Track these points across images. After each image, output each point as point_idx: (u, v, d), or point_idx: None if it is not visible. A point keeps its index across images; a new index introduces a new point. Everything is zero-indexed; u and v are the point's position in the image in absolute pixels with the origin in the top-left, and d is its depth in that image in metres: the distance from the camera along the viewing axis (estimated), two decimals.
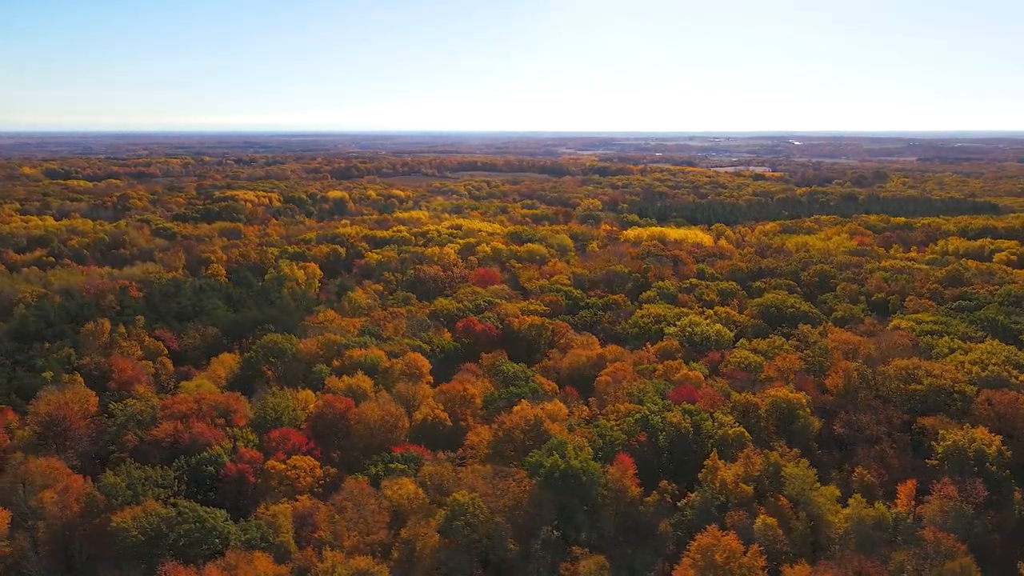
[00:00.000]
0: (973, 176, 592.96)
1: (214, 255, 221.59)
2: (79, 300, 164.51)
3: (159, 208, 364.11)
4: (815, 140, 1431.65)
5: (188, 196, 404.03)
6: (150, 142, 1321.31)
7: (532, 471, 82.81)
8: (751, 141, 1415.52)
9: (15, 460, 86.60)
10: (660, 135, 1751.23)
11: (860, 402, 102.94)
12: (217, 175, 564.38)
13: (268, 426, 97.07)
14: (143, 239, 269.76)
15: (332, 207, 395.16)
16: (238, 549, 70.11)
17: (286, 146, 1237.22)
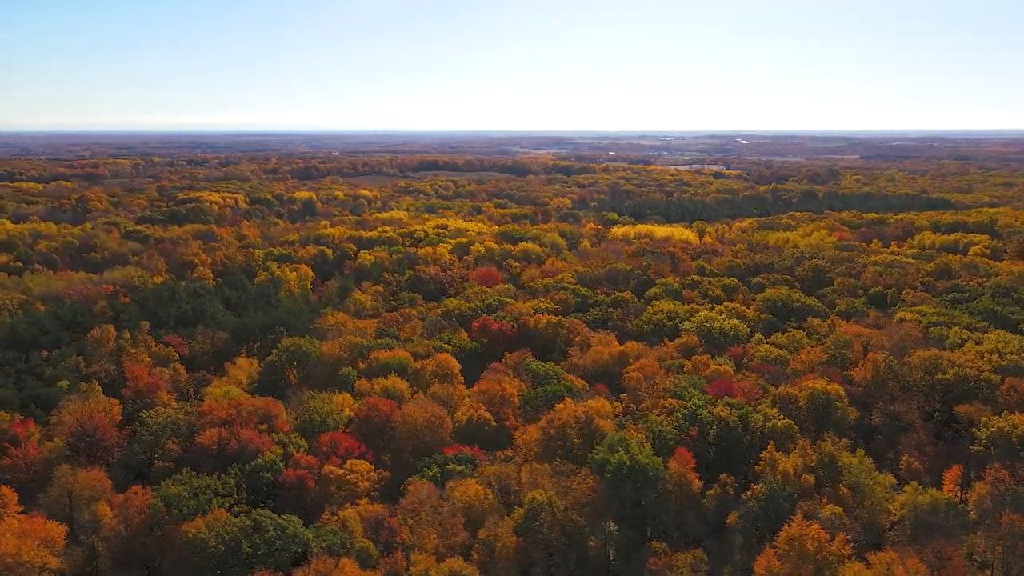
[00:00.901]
0: (918, 173, 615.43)
1: (197, 258, 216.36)
2: (71, 306, 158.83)
3: (122, 211, 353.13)
4: (761, 139, 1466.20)
5: (150, 198, 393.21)
6: (90, 142, 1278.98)
7: (598, 468, 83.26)
8: (700, 140, 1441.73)
9: (61, 473, 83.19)
10: (611, 134, 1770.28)
11: (888, 392, 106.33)
12: (173, 176, 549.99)
13: (314, 430, 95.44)
14: (114, 242, 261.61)
15: (301, 208, 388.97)
16: (320, 555, 68.92)
17: (234, 146, 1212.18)
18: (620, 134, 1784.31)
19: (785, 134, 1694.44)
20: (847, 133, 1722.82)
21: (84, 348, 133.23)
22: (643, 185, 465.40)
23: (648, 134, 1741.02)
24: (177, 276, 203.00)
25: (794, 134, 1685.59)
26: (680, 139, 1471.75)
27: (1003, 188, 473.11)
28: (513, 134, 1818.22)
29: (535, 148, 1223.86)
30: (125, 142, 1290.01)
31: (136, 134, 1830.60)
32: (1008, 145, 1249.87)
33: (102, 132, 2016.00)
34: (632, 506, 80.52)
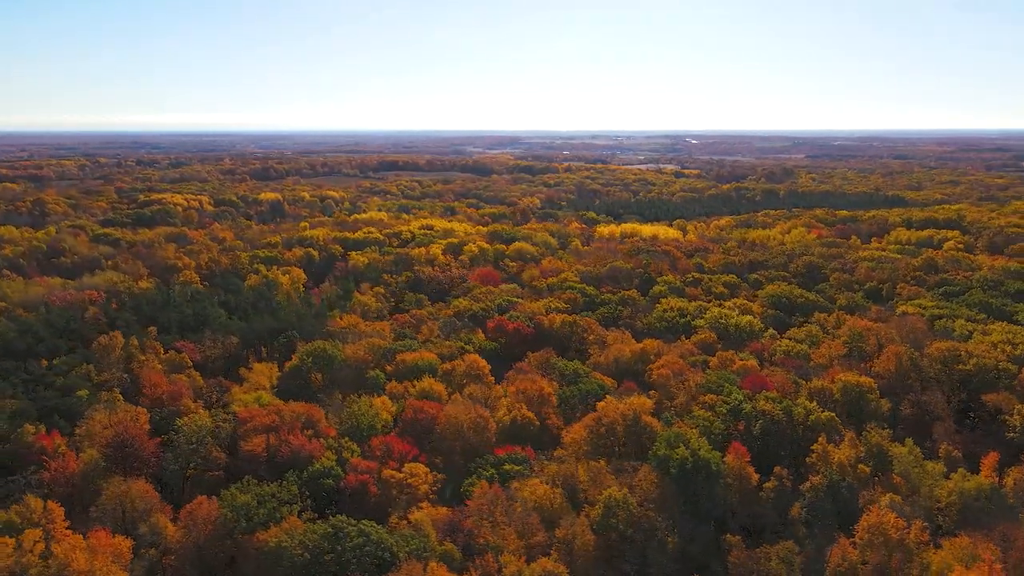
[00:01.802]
0: (866, 172, 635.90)
1: (180, 261, 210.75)
2: (62, 313, 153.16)
3: (83, 214, 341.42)
4: (710, 139, 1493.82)
5: (110, 200, 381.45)
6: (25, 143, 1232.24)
7: (660, 464, 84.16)
8: (651, 140, 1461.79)
9: (114, 485, 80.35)
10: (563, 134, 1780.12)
11: (909, 384, 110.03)
12: (126, 177, 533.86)
13: (362, 435, 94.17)
14: (83, 246, 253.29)
15: (268, 209, 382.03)
16: (407, 560, 68.17)
17: (180, 146, 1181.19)
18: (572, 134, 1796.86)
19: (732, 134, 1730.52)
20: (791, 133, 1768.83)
21: (90, 356, 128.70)
22: (609, 184, 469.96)
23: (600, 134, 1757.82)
24: (162, 281, 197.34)
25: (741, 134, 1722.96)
26: (631, 139, 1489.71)
27: (950, 186, 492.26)
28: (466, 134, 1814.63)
29: (489, 148, 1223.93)
30: (64, 142, 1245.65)
31: (75, 134, 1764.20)
32: (942, 144, 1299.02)
33: (17, 132, 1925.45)
34: (699, 501, 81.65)
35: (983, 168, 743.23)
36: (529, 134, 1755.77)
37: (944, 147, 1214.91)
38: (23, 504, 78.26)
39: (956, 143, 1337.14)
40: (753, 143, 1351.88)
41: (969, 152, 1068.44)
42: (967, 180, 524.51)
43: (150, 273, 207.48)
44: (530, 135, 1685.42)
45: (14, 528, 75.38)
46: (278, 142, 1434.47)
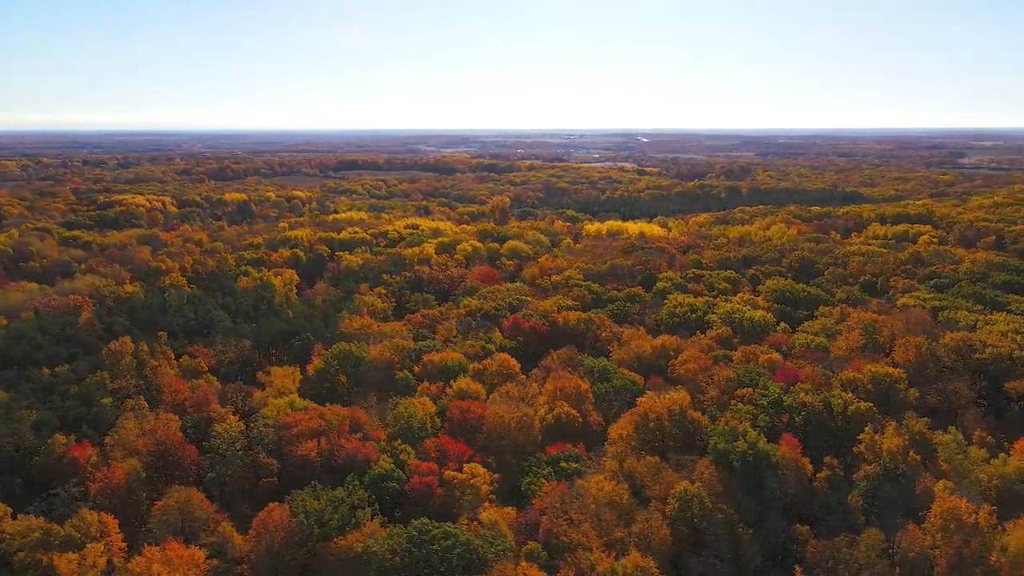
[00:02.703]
0: (818, 169, 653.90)
1: (163, 264, 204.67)
2: (58, 319, 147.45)
3: (40, 216, 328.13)
4: (660, 137, 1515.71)
5: (67, 202, 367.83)
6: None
7: (719, 457, 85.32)
8: (603, 138, 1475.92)
9: (178, 495, 77.73)
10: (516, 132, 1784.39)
11: (928, 373, 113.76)
12: (76, 178, 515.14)
13: (413, 436, 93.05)
14: (51, 250, 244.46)
15: (235, 210, 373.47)
16: (497, 560, 67.76)
17: (124, 146, 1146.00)
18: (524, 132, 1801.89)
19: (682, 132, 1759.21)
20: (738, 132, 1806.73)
21: (99, 362, 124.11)
22: (575, 183, 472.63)
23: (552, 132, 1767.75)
24: (147, 284, 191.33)
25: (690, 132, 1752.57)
26: (584, 137, 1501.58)
27: (901, 182, 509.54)
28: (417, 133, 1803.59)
29: (443, 146, 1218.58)
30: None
31: (6, 133, 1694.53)
32: (881, 143, 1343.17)
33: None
34: (761, 492, 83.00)
35: (922, 165, 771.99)
36: (481, 133, 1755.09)
37: (883, 145, 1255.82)
38: (78, 517, 75.31)
39: (894, 141, 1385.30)
40: (702, 141, 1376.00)
41: (907, 150, 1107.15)
42: (915, 177, 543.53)
43: (132, 276, 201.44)
44: (482, 134, 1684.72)
45: (73, 543, 72.51)
46: (224, 142, 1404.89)
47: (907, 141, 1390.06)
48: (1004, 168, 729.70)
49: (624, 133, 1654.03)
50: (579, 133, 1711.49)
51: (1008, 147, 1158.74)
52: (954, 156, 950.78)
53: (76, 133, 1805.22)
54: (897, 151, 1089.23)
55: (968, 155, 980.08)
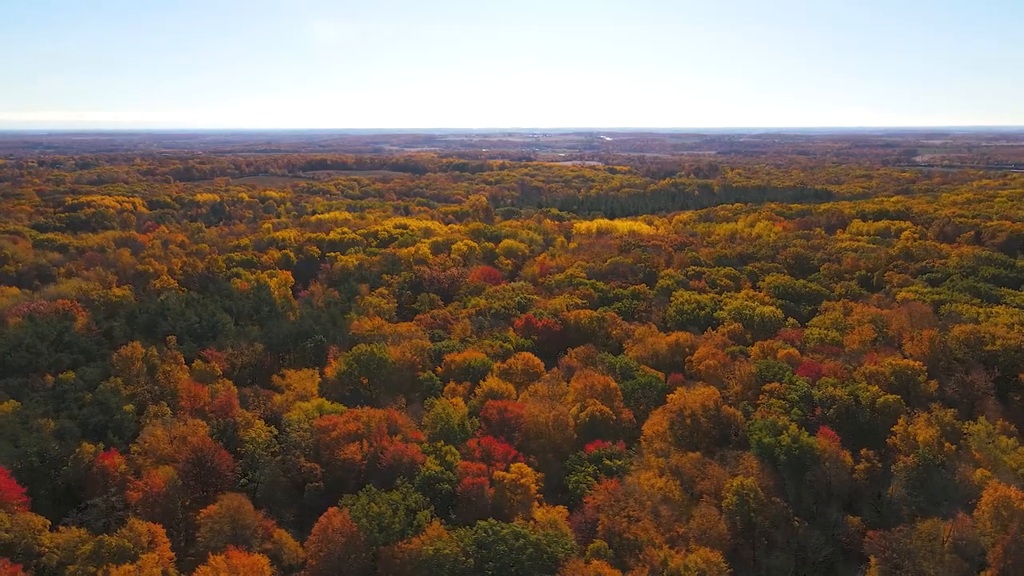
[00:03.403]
0: (783, 167, 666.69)
1: (151, 266, 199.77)
2: (55, 325, 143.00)
3: (6, 218, 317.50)
4: (622, 136, 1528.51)
5: (33, 204, 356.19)
6: None
7: (763, 451, 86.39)
8: (566, 137, 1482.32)
9: (228, 502, 75.92)
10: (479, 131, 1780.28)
11: (942, 365, 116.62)
12: (36, 179, 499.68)
13: (453, 437, 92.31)
14: (26, 253, 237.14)
15: (208, 211, 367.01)
16: (570, 559, 67.66)
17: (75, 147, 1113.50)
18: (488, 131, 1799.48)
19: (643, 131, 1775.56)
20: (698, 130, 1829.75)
21: (108, 368, 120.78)
22: (550, 181, 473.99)
23: (515, 131, 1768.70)
24: (135, 287, 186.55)
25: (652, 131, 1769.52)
26: (547, 136, 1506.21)
27: (865, 180, 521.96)
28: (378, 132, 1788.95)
29: (407, 146, 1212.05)
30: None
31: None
32: (837, 141, 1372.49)
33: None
34: (809, 485, 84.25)
35: (880, 162, 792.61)
36: (443, 132, 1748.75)
37: (840, 143, 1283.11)
38: (128, 528, 73.17)
39: (849, 140, 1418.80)
40: (665, 140, 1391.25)
41: (863, 148, 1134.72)
42: (878, 174, 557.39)
43: (119, 280, 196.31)
44: (445, 133, 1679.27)
45: (127, 554, 70.44)
46: (181, 142, 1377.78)
47: (862, 139, 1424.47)
48: (956, 166, 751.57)
49: (587, 132, 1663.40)
50: (542, 132, 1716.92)
51: (956, 145, 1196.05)
52: (908, 154, 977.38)
53: (22, 133, 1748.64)
54: (853, 149, 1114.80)
55: (921, 153, 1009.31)
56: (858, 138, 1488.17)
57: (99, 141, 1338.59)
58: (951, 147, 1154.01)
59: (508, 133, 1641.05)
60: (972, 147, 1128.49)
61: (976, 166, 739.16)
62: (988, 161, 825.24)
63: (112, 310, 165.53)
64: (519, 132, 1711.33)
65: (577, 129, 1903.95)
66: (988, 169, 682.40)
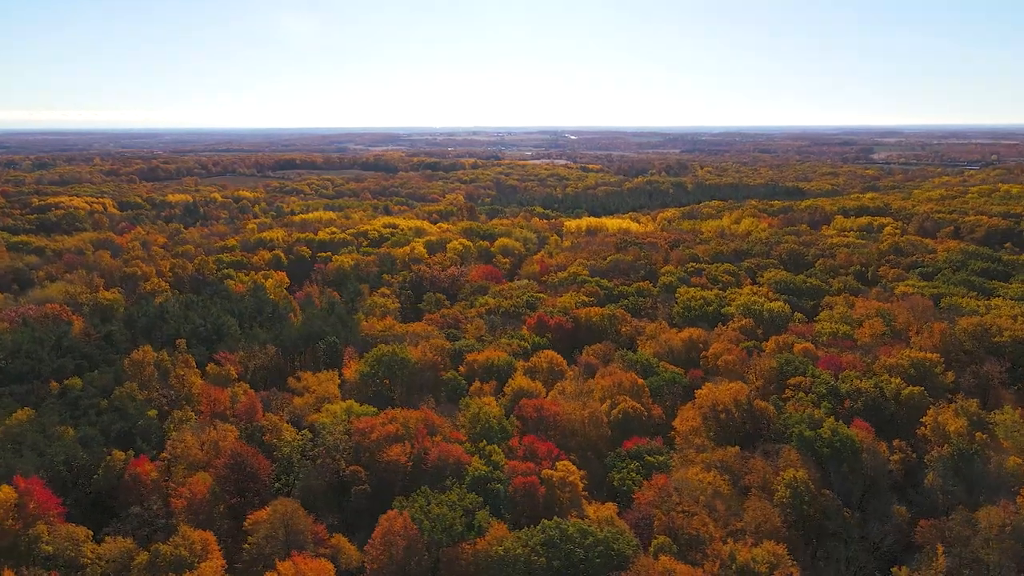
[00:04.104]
0: (748, 165, 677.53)
1: (138, 269, 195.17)
2: (54, 330, 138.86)
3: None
4: (586, 134, 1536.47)
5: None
6: None
7: (804, 444, 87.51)
8: (530, 135, 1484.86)
9: (282, 508, 74.32)
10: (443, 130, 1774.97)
11: (952, 357, 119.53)
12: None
13: (494, 436, 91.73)
14: (1, 256, 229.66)
15: (181, 212, 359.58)
16: (639, 556, 67.75)
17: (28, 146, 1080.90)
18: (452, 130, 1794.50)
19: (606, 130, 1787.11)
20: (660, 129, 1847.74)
21: (120, 373, 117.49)
22: (525, 180, 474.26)
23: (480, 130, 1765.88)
24: (124, 290, 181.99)
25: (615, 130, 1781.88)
26: (512, 134, 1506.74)
27: (832, 177, 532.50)
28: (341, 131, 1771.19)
29: (372, 145, 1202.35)
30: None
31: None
32: (796, 140, 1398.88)
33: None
34: (851, 477, 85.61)
35: (840, 160, 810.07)
36: (407, 131, 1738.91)
37: (799, 142, 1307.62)
38: (181, 536, 71.25)
39: (807, 138, 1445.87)
40: (628, 139, 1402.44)
41: (822, 146, 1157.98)
42: (844, 172, 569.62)
43: (106, 283, 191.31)
44: (408, 132, 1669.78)
45: (184, 563, 68.60)
46: (139, 141, 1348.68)
47: (820, 138, 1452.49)
48: (913, 164, 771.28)
49: (551, 131, 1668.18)
50: (507, 131, 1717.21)
51: (910, 143, 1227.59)
52: (865, 152, 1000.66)
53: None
54: (813, 147, 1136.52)
55: (877, 151, 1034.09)
56: (816, 136, 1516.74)
57: (52, 140, 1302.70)
58: (905, 145, 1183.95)
59: (473, 132, 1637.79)
60: (925, 145, 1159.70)
61: (931, 163, 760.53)
62: (943, 159, 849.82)
63: (104, 314, 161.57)
64: (484, 131, 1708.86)
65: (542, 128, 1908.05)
66: (944, 166, 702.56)
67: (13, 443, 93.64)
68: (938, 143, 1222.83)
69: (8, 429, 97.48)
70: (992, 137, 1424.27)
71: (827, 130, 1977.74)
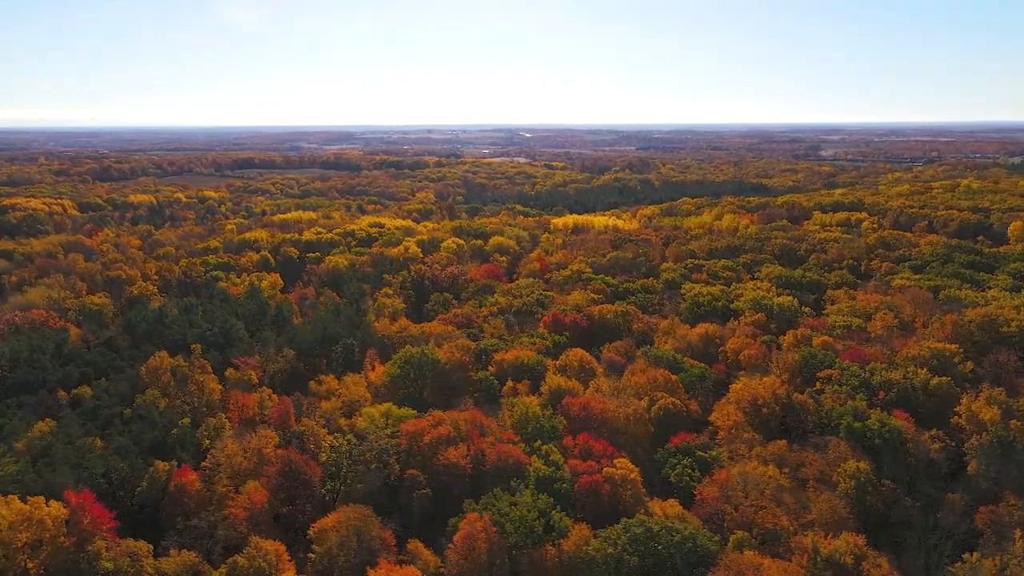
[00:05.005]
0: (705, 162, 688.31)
1: (122, 272, 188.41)
2: (53, 337, 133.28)
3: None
4: (541, 132, 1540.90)
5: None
6: None
7: (853, 436, 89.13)
8: (485, 133, 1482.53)
9: (355, 514, 72.47)
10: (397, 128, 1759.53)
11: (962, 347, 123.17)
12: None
13: (545, 436, 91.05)
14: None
15: (146, 213, 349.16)
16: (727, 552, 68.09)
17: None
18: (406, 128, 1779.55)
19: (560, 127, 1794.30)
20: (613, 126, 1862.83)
21: (136, 380, 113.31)
22: (493, 178, 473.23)
23: (435, 128, 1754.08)
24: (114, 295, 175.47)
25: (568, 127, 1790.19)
26: (466, 132, 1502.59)
27: (790, 174, 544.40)
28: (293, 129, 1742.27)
29: (325, 143, 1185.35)
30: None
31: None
32: (746, 137, 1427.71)
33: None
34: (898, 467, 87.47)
35: (791, 157, 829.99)
36: (361, 129, 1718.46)
37: (748, 139, 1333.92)
38: (253, 546, 68.94)
39: (756, 136, 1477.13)
40: (583, 136, 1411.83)
41: (771, 143, 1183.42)
42: (802, 168, 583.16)
43: (88, 287, 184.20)
44: (362, 130, 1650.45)
45: (263, 575, 66.33)
46: (82, 140, 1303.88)
47: (767, 135, 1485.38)
48: (860, 160, 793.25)
49: (505, 128, 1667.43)
50: (462, 128, 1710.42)
51: (853, 141, 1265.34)
52: (813, 149, 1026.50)
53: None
54: (763, 144, 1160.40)
55: (824, 148, 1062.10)
56: (764, 134, 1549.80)
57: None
58: (848, 142, 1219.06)
59: (428, 130, 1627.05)
60: (868, 142, 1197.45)
61: (878, 160, 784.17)
62: (887, 155, 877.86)
63: (93, 319, 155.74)
64: (438, 129, 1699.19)
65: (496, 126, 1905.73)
66: (890, 163, 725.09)
67: (42, 456, 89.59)
68: (879, 140, 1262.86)
69: (32, 442, 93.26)
70: (929, 135, 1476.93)
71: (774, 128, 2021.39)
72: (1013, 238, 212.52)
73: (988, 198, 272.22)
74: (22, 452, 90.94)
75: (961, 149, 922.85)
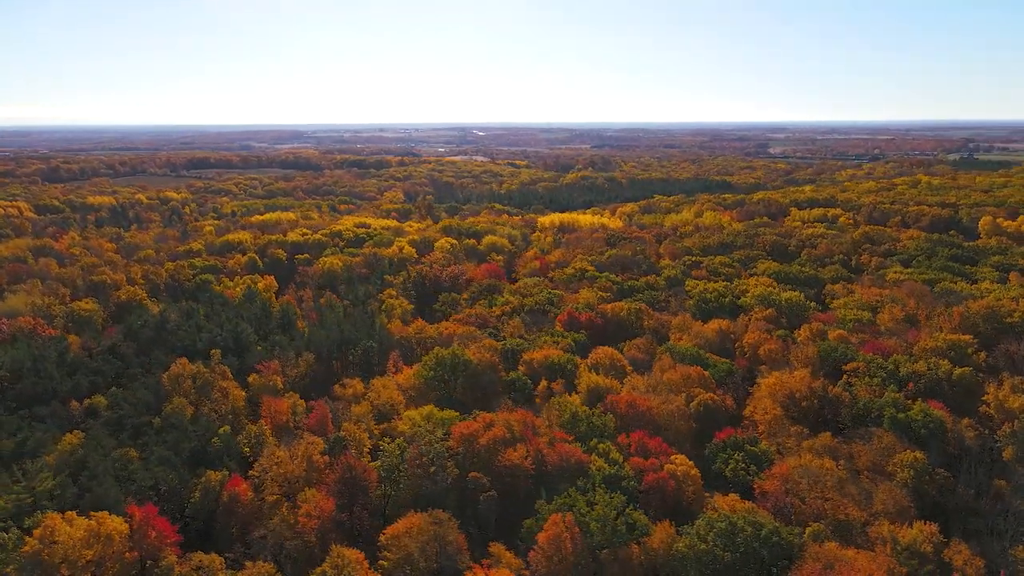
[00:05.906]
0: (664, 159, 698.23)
1: (107, 276, 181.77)
2: (56, 345, 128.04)
3: None
4: (494, 130, 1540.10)
5: None
6: None
7: (897, 427, 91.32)
8: (438, 132, 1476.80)
9: (432, 519, 71.19)
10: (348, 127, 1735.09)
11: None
12: None
13: (597, 434, 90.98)
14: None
15: (107, 215, 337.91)
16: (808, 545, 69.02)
17: None
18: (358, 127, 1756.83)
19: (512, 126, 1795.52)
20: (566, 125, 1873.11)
21: (157, 388, 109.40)
22: (460, 177, 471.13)
23: (387, 126, 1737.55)
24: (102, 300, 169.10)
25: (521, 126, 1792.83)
26: (419, 131, 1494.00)
27: (749, 171, 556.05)
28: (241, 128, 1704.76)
29: (276, 142, 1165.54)
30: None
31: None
32: (697, 135, 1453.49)
33: None
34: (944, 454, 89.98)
35: (742, 154, 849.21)
36: (311, 128, 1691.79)
37: (699, 137, 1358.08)
38: (337, 555, 67.28)
39: (706, 134, 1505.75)
40: (536, 134, 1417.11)
41: (721, 141, 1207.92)
42: (760, 166, 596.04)
43: (72, 292, 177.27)
44: (313, 129, 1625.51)
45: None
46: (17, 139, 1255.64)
47: (717, 134, 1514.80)
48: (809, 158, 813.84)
49: (458, 127, 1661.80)
50: (414, 127, 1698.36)
51: (798, 139, 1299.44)
52: (762, 147, 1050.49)
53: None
54: (713, 142, 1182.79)
55: (772, 146, 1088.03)
56: (713, 132, 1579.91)
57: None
58: (794, 140, 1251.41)
59: (380, 128, 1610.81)
60: (813, 140, 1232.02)
61: (826, 157, 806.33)
62: (834, 152, 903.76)
63: (84, 326, 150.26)
64: (391, 127, 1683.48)
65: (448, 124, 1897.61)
66: (839, 159, 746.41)
67: (79, 470, 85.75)
68: (823, 138, 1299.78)
69: (63, 456, 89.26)
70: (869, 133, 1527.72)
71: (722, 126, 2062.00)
72: (984, 232, 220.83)
73: (953, 194, 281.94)
74: (54, 466, 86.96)
75: (900, 147, 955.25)
